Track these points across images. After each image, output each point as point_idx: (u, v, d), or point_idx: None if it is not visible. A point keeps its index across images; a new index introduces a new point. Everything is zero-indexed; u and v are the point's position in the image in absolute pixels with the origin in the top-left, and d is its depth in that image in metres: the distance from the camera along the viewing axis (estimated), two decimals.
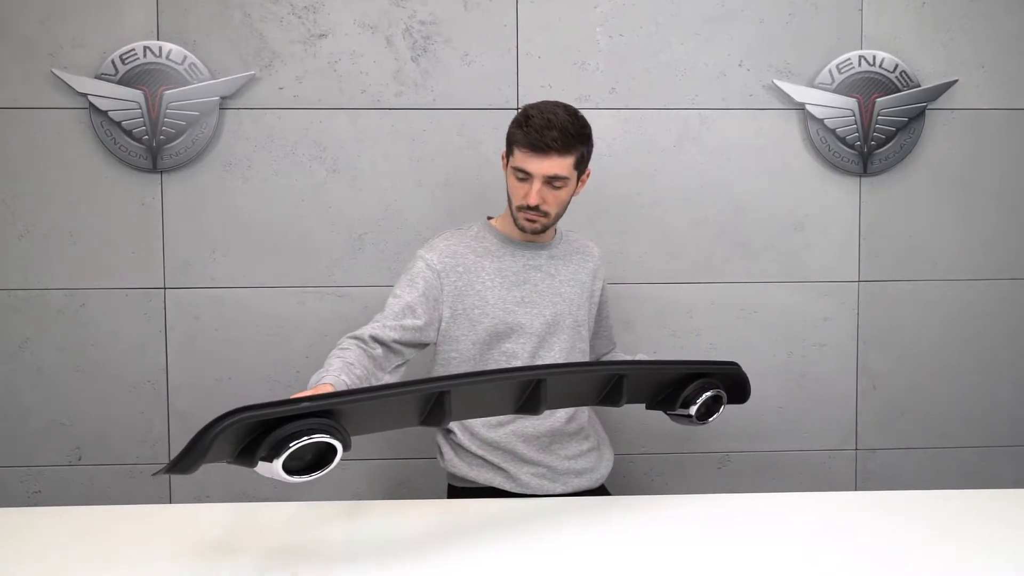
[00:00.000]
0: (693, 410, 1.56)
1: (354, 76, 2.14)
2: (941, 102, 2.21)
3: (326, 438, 1.11)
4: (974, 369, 2.28)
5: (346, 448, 1.14)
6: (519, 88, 2.16)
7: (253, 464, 1.11)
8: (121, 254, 2.14)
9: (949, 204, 2.25)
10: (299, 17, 2.13)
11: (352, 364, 1.47)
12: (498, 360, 1.67)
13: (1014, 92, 2.23)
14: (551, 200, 1.63)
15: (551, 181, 1.60)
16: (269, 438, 1.08)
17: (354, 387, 1.41)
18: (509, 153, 1.64)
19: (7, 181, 2.11)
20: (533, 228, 1.66)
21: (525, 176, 1.61)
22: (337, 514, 1.48)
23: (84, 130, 2.10)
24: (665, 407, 1.60)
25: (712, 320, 2.24)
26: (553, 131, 1.56)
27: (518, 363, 1.66)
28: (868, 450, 2.28)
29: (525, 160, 1.59)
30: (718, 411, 1.61)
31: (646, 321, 2.22)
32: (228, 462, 1.11)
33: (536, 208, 1.62)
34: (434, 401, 1.26)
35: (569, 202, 1.69)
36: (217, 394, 2.17)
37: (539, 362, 1.68)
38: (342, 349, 1.54)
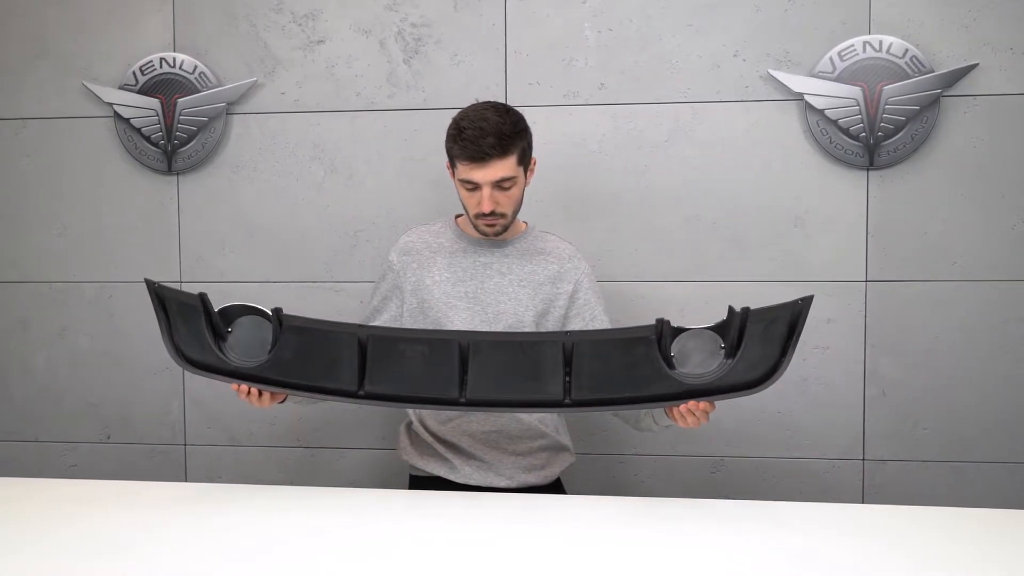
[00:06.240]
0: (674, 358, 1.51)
1: (350, 79, 2.23)
2: (959, 88, 2.04)
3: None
4: (1000, 377, 2.09)
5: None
6: (507, 86, 2.18)
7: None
8: (143, 250, 2.32)
9: (970, 197, 2.07)
10: (299, 25, 2.23)
11: None
12: None
13: None
14: (504, 201, 1.65)
15: (500, 184, 1.62)
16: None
17: None
18: (452, 165, 1.66)
19: (47, 184, 2.34)
20: (495, 231, 1.69)
21: (474, 186, 1.63)
22: (309, 498, 1.56)
23: (111, 136, 2.30)
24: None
25: (706, 320, 2.16)
26: (488, 138, 1.57)
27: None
28: (877, 461, 2.14)
29: (469, 171, 1.61)
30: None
31: (636, 320, 2.16)
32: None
33: (492, 213, 1.64)
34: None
35: (523, 196, 1.70)
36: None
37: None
38: None
